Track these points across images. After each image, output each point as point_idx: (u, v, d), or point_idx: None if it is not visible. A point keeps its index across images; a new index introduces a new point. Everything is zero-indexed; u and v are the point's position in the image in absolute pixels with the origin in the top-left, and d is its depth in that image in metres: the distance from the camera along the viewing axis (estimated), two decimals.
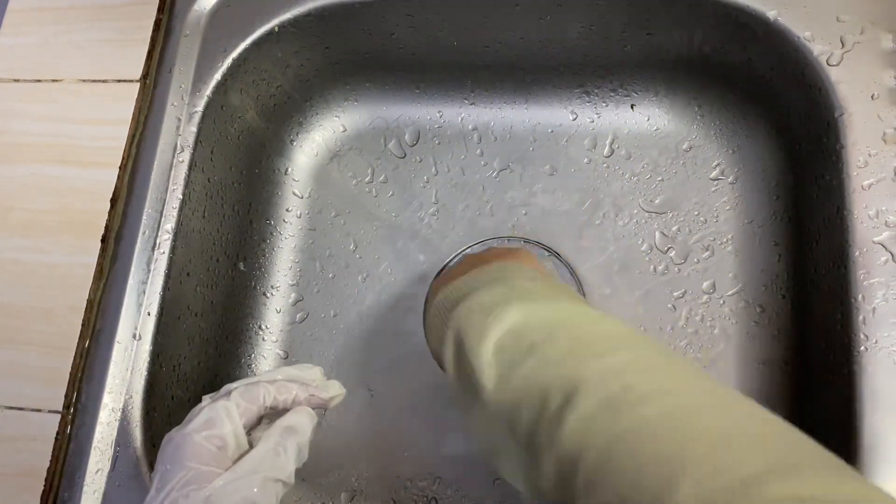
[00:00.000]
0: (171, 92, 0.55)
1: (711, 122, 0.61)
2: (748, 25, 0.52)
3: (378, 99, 0.66)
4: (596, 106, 0.64)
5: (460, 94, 0.65)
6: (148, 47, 0.57)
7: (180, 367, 0.53)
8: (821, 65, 0.49)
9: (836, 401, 0.45)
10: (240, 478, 0.35)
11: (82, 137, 0.55)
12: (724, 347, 0.56)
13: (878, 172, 0.46)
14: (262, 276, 0.63)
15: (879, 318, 0.43)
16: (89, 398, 0.48)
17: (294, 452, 0.37)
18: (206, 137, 0.55)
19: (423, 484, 0.56)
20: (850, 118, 0.47)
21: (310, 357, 0.61)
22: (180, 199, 0.52)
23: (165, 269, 0.51)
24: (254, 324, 0.62)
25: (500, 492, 0.55)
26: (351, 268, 0.63)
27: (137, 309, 0.50)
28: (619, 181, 0.61)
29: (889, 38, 0.48)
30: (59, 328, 0.50)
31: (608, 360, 0.33)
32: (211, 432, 0.36)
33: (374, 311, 0.62)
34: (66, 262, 0.52)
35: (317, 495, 0.57)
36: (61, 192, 0.54)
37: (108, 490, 0.46)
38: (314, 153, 0.67)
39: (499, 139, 0.65)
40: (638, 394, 0.30)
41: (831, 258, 0.47)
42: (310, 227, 0.65)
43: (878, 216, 0.45)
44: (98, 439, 0.47)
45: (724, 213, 0.59)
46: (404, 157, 0.66)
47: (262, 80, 0.60)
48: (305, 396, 0.40)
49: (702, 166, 0.61)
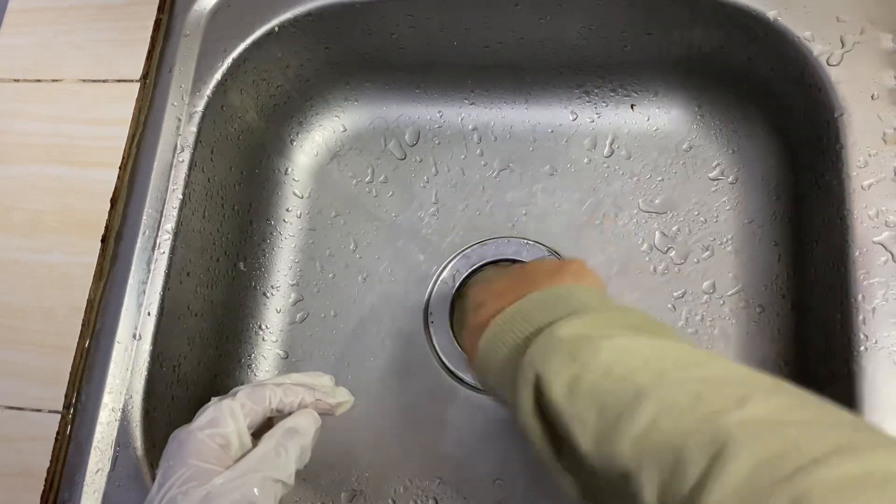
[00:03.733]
0: (171, 92, 0.55)
1: (711, 122, 0.61)
2: (748, 25, 0.52)
3: (378, 99, 0.66)
4: (596, 106, 0.64)
5: (460, 94, 0.65)
6: (148, 47, 0.57)
7: (180, 367, 0.53)
8: (821, 65, 0.49)
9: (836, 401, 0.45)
10: (240, 476, 0.35)
11: (82, 137, 0.55)
12: (724, 347, 0.56)
13: (878, 172, 0.46)
14: (262, 276, 0.63)
15: (879, 318, 0.43)
16: (89, 398, 0.48)
17: (295, 453, 0.37)
18: (206, 137, 0.55)
19: (423, 484, 0.56)
20: (850, 118, 0.47)
21: (310, 357, 0.61)
22: (180, 199, 0.52)
23: (165, 269, 0.51)
24: (254, 324, 0.62)
25: (500, 492, 0.55)
26: (351, 268, 0.63)
27: (137, 309, 0.50)
28: (618, 181, 0.61)
29: (889, 38, 0.48)
30: (59, 328, 0.50)
31: (749, 410, 0.28)
32: (214, 430, 0.36)
33: (374, 311, 0.62)
34: (66, 262, 0.52)
35: (317, 495, 0.57)
36: (61, 192, 0.54)
37: (108, 490, 0.46)
38: (314, 153, 0.67)
39: (499, 139, 0.65)
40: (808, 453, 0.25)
41: (831, 258, 0.47)
42: (310, 227, 0.65)
43: (878, 216, 0.45)
44: (98, 439, 0.47)
45: (724, 213, 0.59)
46: (404, 157, 0.66)
47: (262, 80, 0.60)
48: (312, 401, 0.40)
49: (702, 166, 0.61)
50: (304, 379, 0.41)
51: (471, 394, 0.58)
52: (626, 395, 0.30)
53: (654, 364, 0.31)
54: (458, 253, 0.61)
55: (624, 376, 0.31)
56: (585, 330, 0.34)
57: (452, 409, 0.58)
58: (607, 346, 0.33)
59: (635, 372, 0.31)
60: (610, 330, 0.34)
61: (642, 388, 0.30)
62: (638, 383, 0.30)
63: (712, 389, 0.29)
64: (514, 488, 0.55)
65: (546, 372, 0.33)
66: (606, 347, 0.32)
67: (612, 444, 0.30)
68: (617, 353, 0.32)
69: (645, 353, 0.32)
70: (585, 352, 0.33)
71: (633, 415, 0.30)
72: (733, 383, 0.30)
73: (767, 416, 0.28)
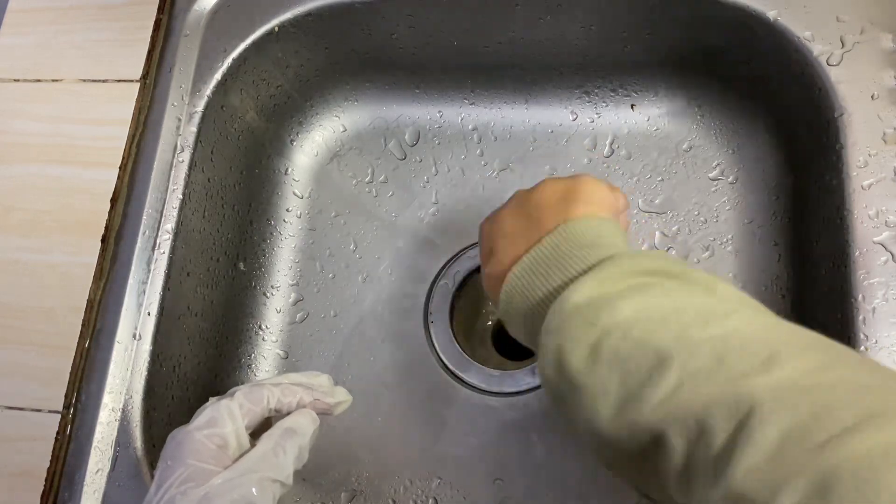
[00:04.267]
0: (171, 92, 0.55)
1: (711, 122, 0.61)
2: (748, 25, 0.52)
3: (378, 99, 0.66)
4: (596, 106, 0.64)
5: (460, 94, 0.65)
6: (148, 47, 0.57)
7: (180, 367, 0.53)
8: (821, 65, 0.49)
9: None
10: (238, 476, 0.35)
11: (82, 137, 0.55)
12: None
13: (878, 172, 0.46)
14: (262, 276, 0.63)
15: (879, 318, 0.43)
16: (89, 398, 0.48)
17: (293, 453, 0.37)
18: (206, 137, 0.55)
19: (423, 484, 0.56)
20: (850, 118, 0.47)
21: (310, 357, 0.61)
22: (180, 199, 0.52)
23: (165, 269, 0.51)
24: (254, 324, 0.62)
25: (500, 492, 0.55)
26: (351, 268, 0.63)
27: (137, 309, 0.50)
28: (618, 181, 0.61)
29: (889, 38, 0.48)
30: (59, 328, 0.50)
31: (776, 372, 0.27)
32: (212, 431, 0.36)
33: (374, 311, 0.62)
34: (66, 262, 0.52)
35: (317, 495, 0.57)
36: (61, 192, 0.54)
37: (108, 490, 0.46)
38: (314, 153, 0.67)
39: (499, 139, 0.65)
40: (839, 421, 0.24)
41: (831, 258, 0.47)
42: (310, 227, 0.65)
43: (878, 216, 0.45)
44: (98, 439, 0.47)
45: (724, 213, 0.59)
46: (404, 157, 0.66)
47: (262, 80, 0.60)
48: (310, 400, 0.40)
49: (702, 166, 0.61)
50: (302, 379, 0.41)
51: (471, 394, 0.58)
52: (647, 360, 0.30)
53: (674, 322, 0.30)
54: (458, 253, 0.61)
55: (645, 339, 0.30)
56: (602, 289, 0.33)
57: (452, 409, 0.58)
58: (624, 306, 0.31)
59: (656, 333, 0.30)
60: (627, 282, 0.33)
61: (664, 350, 0.29)
62: (659, 346, 0.29)
63: (736, 349, 0.28)
64: (514, 488, 0.55)
65: (567, 342, 0.32)
66: (624, 308, 0.31)
67: (634, 412, 0.29)
68: (636, 312, 0.31)
69: (664, 309, 0.31)
70: (604, 315, 0.32)
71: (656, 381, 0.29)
72: (758, 340, 0.29)
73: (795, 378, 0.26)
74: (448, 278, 0.61)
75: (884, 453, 0.23)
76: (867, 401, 0.25)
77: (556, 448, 0.56)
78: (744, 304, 0.32)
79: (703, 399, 0.28)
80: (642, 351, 0.30)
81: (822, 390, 0.26)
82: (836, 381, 0.27)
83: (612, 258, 0.35)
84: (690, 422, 0.28)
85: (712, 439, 0.27)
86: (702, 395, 0.28)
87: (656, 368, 0.29)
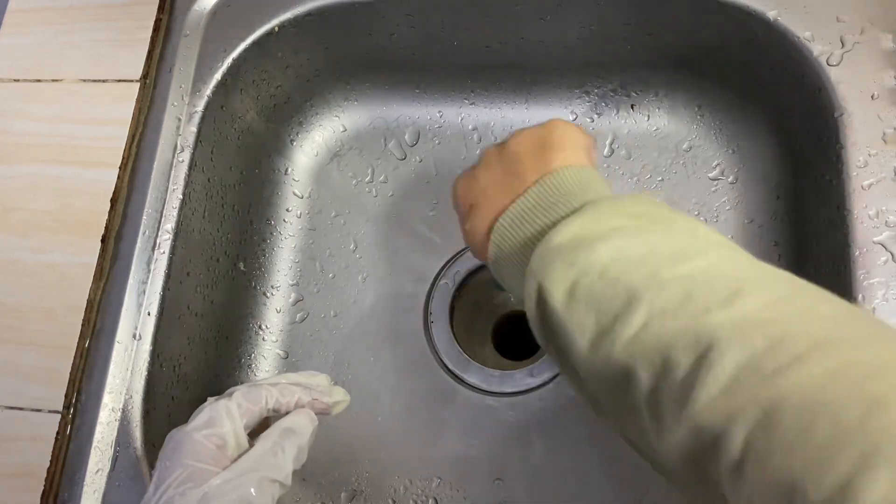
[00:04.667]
0: (171, 92, 0.55)
1: (711, 122, 0.61)
2: (748, 25, 0.52)
3: (378, 99, 0.66)
4: (596, 106, 0.64)
5: (460, 94, 0.65)
6: (148, 47, 0.57)
7: (180, 367, 0.53)
8: (821, 65, 0.49)
9: None
10: (236, 477, 0.35)
11: (82, 137, 0.55)
12: None
13: (878, 172, 0.46)
14: (262, 276, 0.63)
15: (879, 317, 0.43)
16: (89, 398, 0.48)
17: (292, 453, 0.37)
18: (206, 137, 0.55)
19: (423, 484, 0.56)
20: (850, 118, 0.47)
21: (310, 357, 0.61)
22: (180, 199, 0.52)
23: (165, 269, 0.51)
24: (254, 324, 0.62)
25: (500, 492, 0.55)
26: (351, 268, 0.63)
27: (137, 309, 0.50)
28: (619, 181, 0.61)
29: (889, 38, 0.48)
30: (59, 328, 0.50)
31: (738, 307, 0.27)
32: (210, 431, 0.36)
33: (374, 311, 0.62)
34: (66, 262, 0.52)
35: (317, 495, 0.57)
36: (61, 192, 0.54)
37: (108, 490, 0.46)
38: (314, 153, 0.67)
39: (499, 139, 0.64)
40: (790, 351, 0.25)
41: (831, 258, 0.47)
42: (310, 227, 0.65)
43: (878, 216, 0.45)
44: (98, 439, 0.47)
45: (724, 213, 0.59)
46: (404, 157, 0.66)
47: (262, 80, 0.60)
48: (308, 400, 0.40)
49: (702, 166, 0.61)
50: (300, 378, 0.41)
51: (471, 394, 0.58)
52: (619, 298, 0.30)
53: (648, 262, 0.31)
54: (458, 253, 0.61)
55: (618, 278, 0.31)
56: (583, 231, 0.33)
57: (452, 409, 0.58)
58: (603, 247, 0.32)
59: (629, 273, 0.31)
60: (609, 223, 0.33)
61: (636, 289, 0.30)
62: (631, 284, 0.30)
63: (702, 285, 0.29)
64: (514, 488, 0.55)
65: (547, 281, 0.33)
66: (601, 249, 0.32)
67: (607, 348, 0.30)
68: (612, 252, 0.32)
69: (640, 250, 0.32)
70: (582, 256, 0.32)
71: (627, 317, 0.29)
72: (726, 276, 0.29)
73: (755, 312, 0.27)
74: (448, 278, 0.61)
75: (827, 379, 0.24)
76: (821, 330, 0.26)
77: (556, 448, 0.56)
78: (721, 246, 0.33)
79: (668, 335, 0.28)
80: (615, 290, 0.31)
81: (779, 323, 0.27)
82: (794, 313, 0.27)
83: (596, 202, 0.36)
84: (656, 357, 0.28)
85: (676, 374, 0.27)
86: (667, 331, 0.28)
87: (627, 306, 0.30)
